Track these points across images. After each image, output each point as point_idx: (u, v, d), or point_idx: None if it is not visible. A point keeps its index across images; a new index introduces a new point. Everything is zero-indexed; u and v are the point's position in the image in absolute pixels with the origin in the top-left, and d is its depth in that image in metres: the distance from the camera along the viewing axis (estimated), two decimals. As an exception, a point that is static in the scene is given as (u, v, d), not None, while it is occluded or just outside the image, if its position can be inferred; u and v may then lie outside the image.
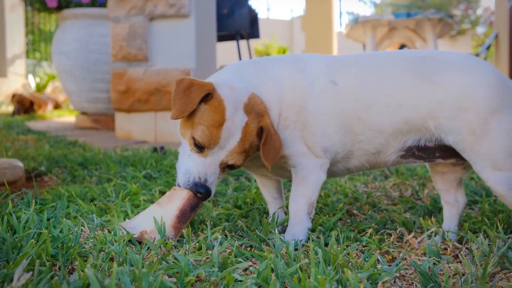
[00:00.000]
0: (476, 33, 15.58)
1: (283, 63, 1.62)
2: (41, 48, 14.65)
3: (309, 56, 1.66)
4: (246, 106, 1.47)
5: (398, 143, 1.55)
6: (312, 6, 10.99)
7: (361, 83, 1.54)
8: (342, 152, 1.59)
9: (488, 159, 1.43)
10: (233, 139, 1.46)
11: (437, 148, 1.54)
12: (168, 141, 4.64)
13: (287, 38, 17.52)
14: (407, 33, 7.42)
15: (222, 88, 1.49)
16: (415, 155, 1.56)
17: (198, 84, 1.47)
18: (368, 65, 1.58)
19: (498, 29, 7.90)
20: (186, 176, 1.47)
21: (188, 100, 1.43)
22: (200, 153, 1.47)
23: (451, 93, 1.45)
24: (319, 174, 1.58)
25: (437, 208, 1.98)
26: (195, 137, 1.45)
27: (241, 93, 1.49)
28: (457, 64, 1.49)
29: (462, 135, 1.44)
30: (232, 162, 1.48)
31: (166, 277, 1.18)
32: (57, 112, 9.07)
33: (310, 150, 1.57)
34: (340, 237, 1.51)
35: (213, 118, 1.44)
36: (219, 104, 1.45)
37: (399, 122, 1.51)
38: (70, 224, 1.51)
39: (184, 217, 1.46)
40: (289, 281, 1.12)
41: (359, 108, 1.53)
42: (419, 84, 1.49)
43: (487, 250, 1.34)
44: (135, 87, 4.71)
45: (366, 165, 1.64)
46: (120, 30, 4.69)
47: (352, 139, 1.56)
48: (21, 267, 1.06)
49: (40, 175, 2.69)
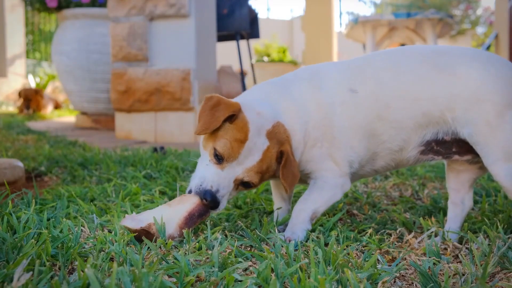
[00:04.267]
0: (476, 33, 15.58)
1: (303, 83, 1.64)
2: (41, 48, 14.65)
3: (324, 67, 1.68)
4: (269, 133, 1.52)
5: (418, 137, 1.57)
6: (312, 6, 11.00)
7: (378, 83, 1.57)
8: (366, 157, 1.63)
9: (501, 151, 1.45)
10: (253, 158, 1.50)
11: (454, 143, 1.56)
12: (168, 141, 4.64)
13: (287, 38, 17.51)
14: (407, 33, 7.42)
15: (249, 111, 1.52)
16: (434, 150, 1.59)
17: (225, 103, 1.50)
18: (383, 63, 1.60)
19: (498, 29, 7.90)
20: (199, 181, 1.50)
21: (213, 118, 1.47)
22: (218, 165, 1.50)
23: (468, 85, 1.48)
24: (336, 192, 1.63)
25: (437, 208, 1.98)
26: (216, 147, 1.48)
27: (267, 120, 1.52)
28: (474, 58, 1.52)
29: (477, 126, 1.47)
30: (247, 179, 1.51)
31: (166, 277, 1.18)
32: (57, 112, 9.07)
33: (337, 165, 1.61)
34: (340, 237, 1.51)
35: (236, 135, 1.48)
36: (244, 125, 1.49)
37: (418, 115, 1.54)
38: (70, 224, 1.51)
39: (191, 220, 1.46)
40: (289, 281, 1.12)
41: (379, 108, 1.56)
42: (436, 77, 1.52)
43: (487, 250, 1.34)
44: (135, 87, 4.70)
45: (392, 164, 1.67)
46: (120, 30, 4.69)
47: (376, 141, 1.60)
48: (21, 267, 1.06)
49: (40, 175, 2.69)
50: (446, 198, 2.15)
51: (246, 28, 5.97)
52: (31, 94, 8.25)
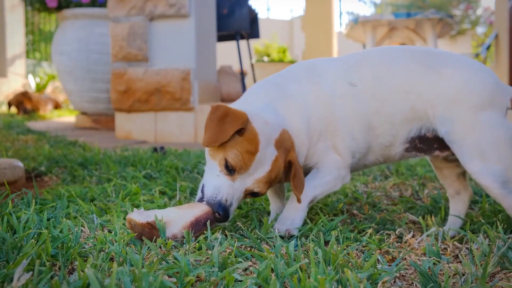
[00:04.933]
0: (476, 33, 15.57)
1: (301, 80, 1.65)
2: (41, 48, 14.65)
3: (321, 62, 1.70)
4: (277, 142, 1.53)
5: (405, 133, 1.62)
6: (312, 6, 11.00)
7: (375, 78, 1.61)
8: (364, 150, 1.67)
9: (475, 150, 1.51)
10: (262, 169, 1.51)
11: (435, 140, 1.62)
12: (168, 141, 4.64)
13: (287, 38, 17.51)
14: (407, 33, 7.42)
15: (257, 121, 1.52)
16: (417, 147, 1.64)
17: (233, 114, 1.48)
18: (378, 59, 1.65)
19: (498, 29, 7.89)
20: (215, 192, 1.50)
21: (221, 131, 1.46)
22: (230, 176, 1.50)
23: (450, 85, 1.54)
24: (336, 183, 1.67)
25: (437, 208, 1.98)
26: (228, 159, 1.48)
27: (274, 129, 1.54)
28: (459, 61, 1.59)
29: (454, 125, 1.53)
30: (257, 190, 1.53)
31: (166, 277, 1.18)
32: (57, 112, 9.07)
33: (340, 155, 1.64)
34: (340, 237, 1.51)
35: (247, 147, 1.48)
36: (254, 137, 1.49)
37: (407, 109, 1.59)
38: (70, 224, 1.51)
39: (196, 226, 1.46)
40: (289, 281, 1.12)
41: (376, 102, 1.60)
42: (424, 73, 1.58)
43: (487, 250, 1.34)
44: (135, 87, 4.70)
45: (380, 160, 1.72)
46: (120, 30, 4.69)
47: (372, 134, 1.64)
48: (21, 267, 1.06)
49: (40, 175, 2.69)
50: (446, 198, 2.15)
51: (246, 28, 5.97)
52: (20, 98, 8.26)
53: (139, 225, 1.43)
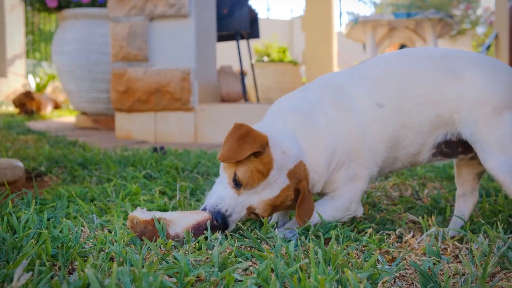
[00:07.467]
0: (476, 33, 15.57)
1: (328, 107, 1.63)
2: (41, 48, 14.65)
3: (344, 81, 1.67)
4: (290, 173, 1.54)
5: (432, 140, 1.65)
6: (312, 6, 10.99)
7: (400, 91, 1.62)
8: (385, 163, 1.68)
9: (497, 145, 1.55)
10: (270, 192, 1.52)
11: (459, 143, 1.65)
12: (168, 141, 4.64)
13: (287, 38, 17.51)
14: (407, 33, 7.42)
15: (275, 148, 1.53)
16: (443, 152, 1.68)
17: (254, 136, 1.50)
18: (401, 69, 1.65)
19: (498, 29, 7.89)
20: (217, 201, 1.52)
21: (239, 149, 1.48)
22: (235, 189, 1.52)
23: (473, 88, 1.58)
24: (347, 215, 1.67)
25: (437, 208, 1.98)
26: (237, 173, 1.50)
27: (290, 160, 1.54)
28: (479, 63, 1.62)
29: (478, 126, 1.57)
30: (259, 212, 1.54)
31: (166, 277, 1.18)
32: (57, 112, 9.07)
33: (359, 181, 1.65)
34: (340, 237, 1.51)
35: (259, 167, 1.49)
36: (268, 162, 1.50)
37: (433, 117, 1.62)
38: (70, 224, 1.51)
39: (197, 229, 1.48)
40: (289, 281, 1.12)
41: (403, 116, 1.62)
42: (446, 80, 1.60)
43: (487, 250, 1.34)
44: (135, 87, 4.70)
45: (407, 166, 1.75)
46: (120, 30, 4.69)
47: (398, 147, 1.65)
48: (21, 267, 1.06)
49: (40, 175, 2.69)
50: (446, 198, 2.15)
51: (246, 28, 5.97)
52: (22, 99, 8.26)
53: (142, 222, 1.44)
